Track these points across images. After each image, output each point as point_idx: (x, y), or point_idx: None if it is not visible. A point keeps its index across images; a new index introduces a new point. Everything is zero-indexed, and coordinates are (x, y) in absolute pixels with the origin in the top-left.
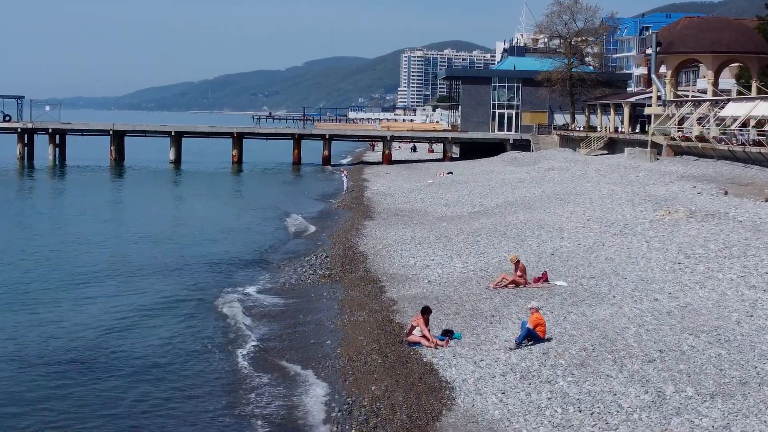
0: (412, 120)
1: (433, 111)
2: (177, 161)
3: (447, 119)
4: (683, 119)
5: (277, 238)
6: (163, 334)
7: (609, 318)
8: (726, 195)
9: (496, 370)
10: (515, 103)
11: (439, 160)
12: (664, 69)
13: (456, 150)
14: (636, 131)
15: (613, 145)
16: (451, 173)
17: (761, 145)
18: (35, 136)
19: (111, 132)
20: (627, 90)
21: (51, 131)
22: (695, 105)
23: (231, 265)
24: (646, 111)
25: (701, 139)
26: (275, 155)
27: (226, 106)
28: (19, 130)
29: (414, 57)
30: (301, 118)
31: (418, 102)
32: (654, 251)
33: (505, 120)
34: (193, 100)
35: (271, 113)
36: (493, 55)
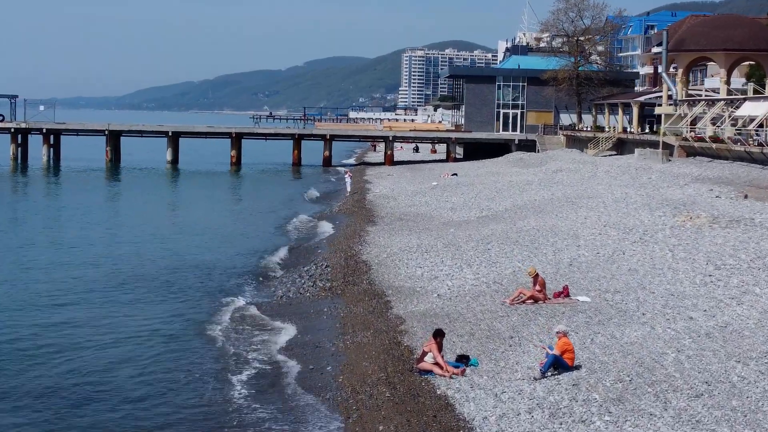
0: (413, 120)
1: (435, 111)
2: (174, 162)
3: (449, 119)
4: (696, 119)
5: (275, 245)
6: (149, 360)
7: (642, 341)
8: (746, 199)
9: (520, 405)
10: (520, 103)
11: (443, 161)
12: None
13: (459, 150)
14: (646, 131)
15: (622, 146)
16: (456, 175)
17: None
18: (29, 136)
19: (106, 132)
20: (634, 89)
21: (45, 131)
22: (709, 104)
23: (225, 276)
24: (656, 110)
25: (716, 140)
26: (275, 156)
27: (226, 106)
28: (13, 130)
29: (415, 57)
30: (302, 118)
31: (419, 102)
32: (680, 261)
33: (510, 120)
34: (194, 100)
35: (272, 113)
36: (495, 55)
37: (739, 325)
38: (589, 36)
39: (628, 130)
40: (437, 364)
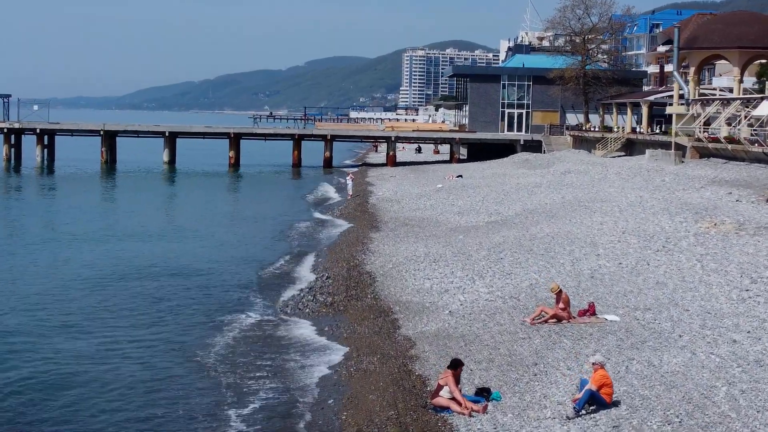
0: (414, 120)
1: (436, 111)
2: (171, 163)
3: (451, 119)
4: (709, 119)
5: (272, 253)
6: (130, 391)
7: (684, 370)
8: None
9: None
10: (525, 102)
11: (446, 161)
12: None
13: (463, 151)
14: (656, 132)
15: (631, 147)
16: (461, 176)
17: None
18: (22, 136)
19: (102, 133)
20: (642, 88)
21: (39, 132)
22: (724, 104)
23: (219, 290)
24: (667, 110)
25: (731, 141)
26: (274, 156)
27: (227, 105)
28: (5, 130)
29: (416, 56)
30: (303, 117)
31: (419, 102)
32: (712, 274)
33: (515, 120)
34: (194, 99)
35: (272, 113)
36: (496, 55)
37: None
38: (597, 35)
39: (637, 130)
40: (455, 399)
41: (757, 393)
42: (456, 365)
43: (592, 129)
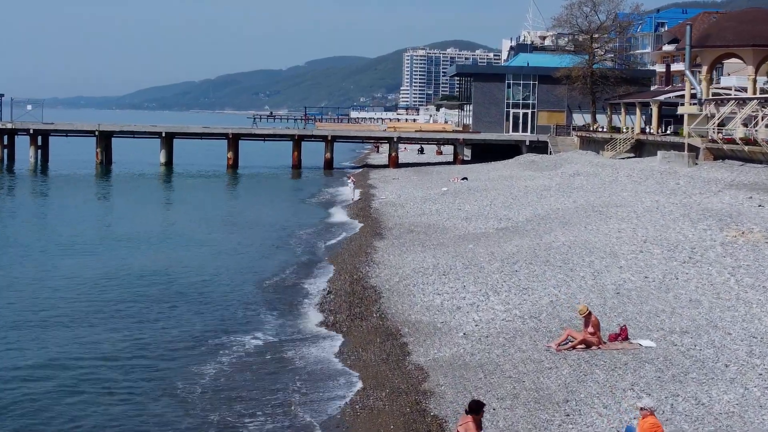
0: (414, 120)
1: (437, 110)
2: (168, 164)
3: (452, 119)
4: (723, 120)
5: (269, 264)
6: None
7: (740, 411)
8: None
9: None
10: (531, 102)
11: (450, 163)
12: (681, 66)
13: (467, 152)
14: (667, 132)
15: (641, 148)
16: (466, 179)
17: None
18: (16, 137)
19: (97, 133)
20: (650, 88)
21: (32, 132)
22: (740, 104)
23: (209, 307)
24: (679, 110)
25: (748, 142)
26: (274, 157)
27: (227, 105)
28: None
29: (416, 56)
30: (303, 117)
31: (420, 101)
32: (749, 290)
33: (520, 120)
34: (195, 99)
35: (273, 113)
36: (497, 54)
37: None
38: (604, 33)
39: (646, 131)
40: None
41: None
42: (477, 409)
43: (599, 129)
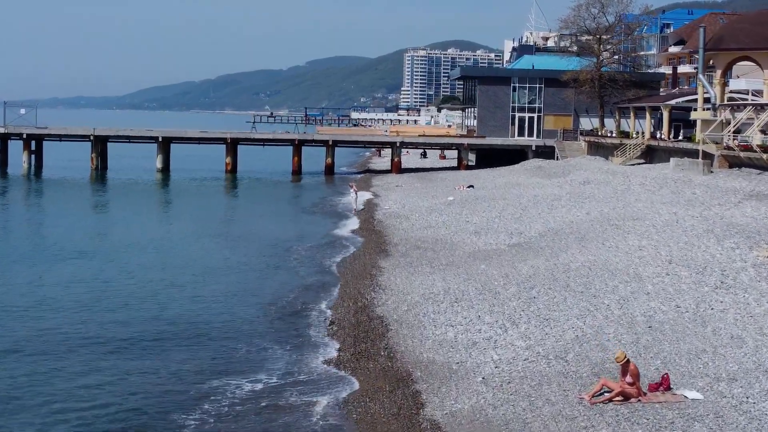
0: (416, 121)
1: (438, 112)
2: (165, 170)
3: (455, 121)
4: (740, 126)
5: (267, 286)
6: None
7: None
8: None
9: None
10: (537, 106)
11: (454, 168)
12: (688, 68)
13: (471, 157)
14: (679, 138)
15: (651, 154)
16: (472, 186)
17: None
18: (9, 141)
19: (92, 138)
20: (660, 92)
21: (26, 137)
22: (757, 110)
23: (198, 342)
24: (692, 115)
25: (766, 150)
26: (273, 162)
27: (227, 105)
28: None
29: (417, 56)
30: (303, 118)
31: (421, 102)
32: None
33: (526, 124)
34: (195, 99)
35: (273, 113)
36: (498, 55)
37: None
38: (612, 34)
39: (657, 136)
40: None
41: None
42: None
43: (608, 134)
